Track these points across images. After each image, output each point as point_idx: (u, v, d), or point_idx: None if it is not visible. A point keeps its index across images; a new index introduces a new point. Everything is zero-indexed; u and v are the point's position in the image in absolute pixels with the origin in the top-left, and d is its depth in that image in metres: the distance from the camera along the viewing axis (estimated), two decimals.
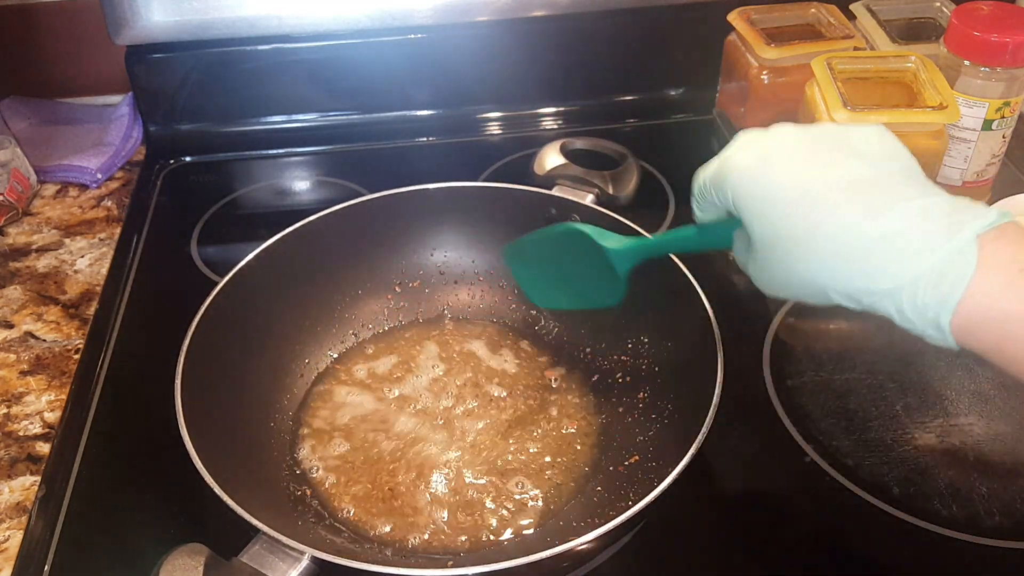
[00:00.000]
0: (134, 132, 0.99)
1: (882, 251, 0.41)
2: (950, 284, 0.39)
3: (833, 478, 0.63)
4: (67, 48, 1.00)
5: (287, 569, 0.48)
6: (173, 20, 0.92)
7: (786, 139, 0.46)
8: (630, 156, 0.80)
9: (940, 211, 0.41)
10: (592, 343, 0.71)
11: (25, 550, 0.59)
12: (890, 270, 0.40)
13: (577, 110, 1.03)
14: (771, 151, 0.45)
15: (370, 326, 0.74)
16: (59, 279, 0.80)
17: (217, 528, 0.50)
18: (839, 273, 0.42)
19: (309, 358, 0.71)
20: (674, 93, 1.04)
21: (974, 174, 0.83)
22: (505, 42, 0.98)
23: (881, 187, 0.42)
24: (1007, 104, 0.78)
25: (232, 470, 0.53)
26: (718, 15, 0.90)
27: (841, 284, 0.42)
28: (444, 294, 0.77)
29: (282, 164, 1.00)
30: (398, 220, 0.75)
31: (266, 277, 0.68)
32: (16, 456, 0.64)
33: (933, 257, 0.39)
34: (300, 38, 0.95)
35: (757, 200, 0.45)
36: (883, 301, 0.41)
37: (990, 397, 0.68)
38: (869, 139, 0.45)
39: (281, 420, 0.66)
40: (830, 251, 0.42)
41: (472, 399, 0.68)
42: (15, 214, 0.87)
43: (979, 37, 0.76)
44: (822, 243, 0.42)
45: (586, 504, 0.60)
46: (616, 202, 0.75)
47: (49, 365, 0.72)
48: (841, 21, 0.88)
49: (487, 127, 1.03)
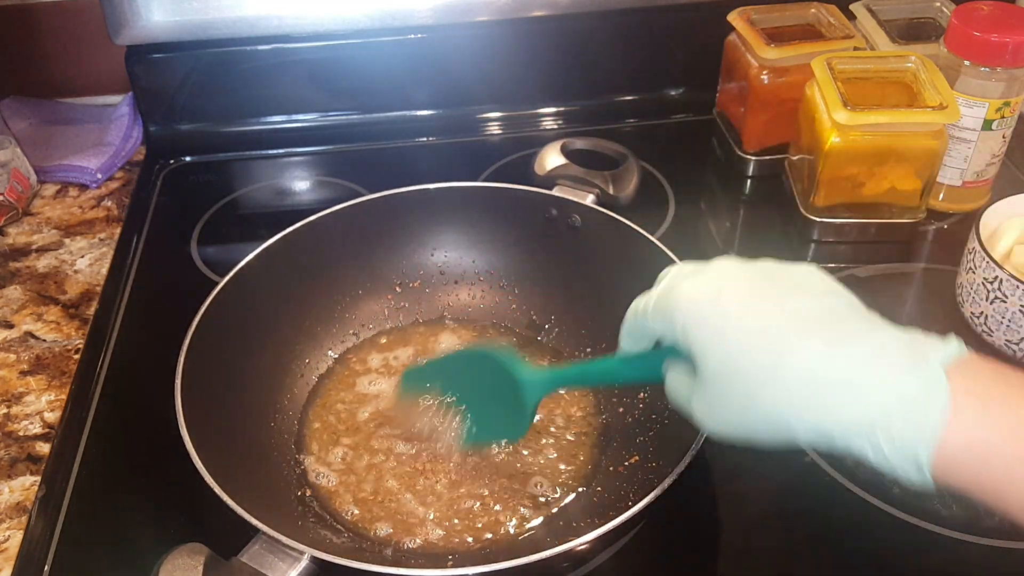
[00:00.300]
0: (134, 132, 0.99)
1: (852, 382, 0.39)
2: (926, 415, 0.38)
3: (833, 478, 0.63)
4: (67, 48, 1.00)
5: (287, 569, 0.48)
6: (173, 20, 0.92)
7: (733, 272, 0.45)
8: (630, 156, 0.80)
9: (901, 342, 0.40)
10: (592, 343, 0.71)
11: (25, 550, 0.59)
12: (862, 402, 0.39)
13: (577, 110, 1.03)
14: (722, 282, 0.44)
15: (370, 326, 0.74)
16: (59, 279, 0.80)
17: (217, 528, 0.50)
18: (807, 407, 0.40)
19: (309, 358, 0.71)
20: (674, 93, 1.04)
21: (974, 174, 0.83)
22: (505, 42, 0.98)
23: (838, 320, 0.42)
24: (1007, 104, 0.78)
25: (232, 470, 0.53)
26: (718, 15, 0.91)
27: (810, 420, 0.40)
28: (444, 294, 0.77)
29: (282, 164, 1.00)
30: (398, 220, 0.75)
31: (266, 277, 0.68)
32: (16, 456, 0.64)
33: (905, 388, 0.39)
34: (300, 38, 0.95)
35: (713, 332, 0.43)
36: (856, 438, 0.40)
37: None
38: (811, 277, 0.44)
39: (281, 420, 0.66)
40: (797, 385, 0.40)
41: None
42: (15, 214, 0.87)
43: (979, 37, 0.76)
44: (788, 377, 0.40)
45: (586, 504, 0.60)
46: (616, 202, 0.75)
47: (49, 365, 0.72)
48: (841, 21, 0.88)
49: (487, 127, 1.03)
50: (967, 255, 0.71)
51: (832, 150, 0.76)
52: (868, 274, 0.80)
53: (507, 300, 0.76)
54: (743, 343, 0.42)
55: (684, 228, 0.87)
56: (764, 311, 0.42)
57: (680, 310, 0.44)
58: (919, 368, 0.39)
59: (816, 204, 0.81)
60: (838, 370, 0.40)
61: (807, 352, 0.40)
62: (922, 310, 0.78)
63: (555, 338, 0.73)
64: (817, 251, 0.83)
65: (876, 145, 0.76)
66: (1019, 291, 0.66)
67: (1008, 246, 0.71)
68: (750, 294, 0.43)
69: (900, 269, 0.82)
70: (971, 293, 0.71)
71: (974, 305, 0.71)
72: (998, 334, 0.69)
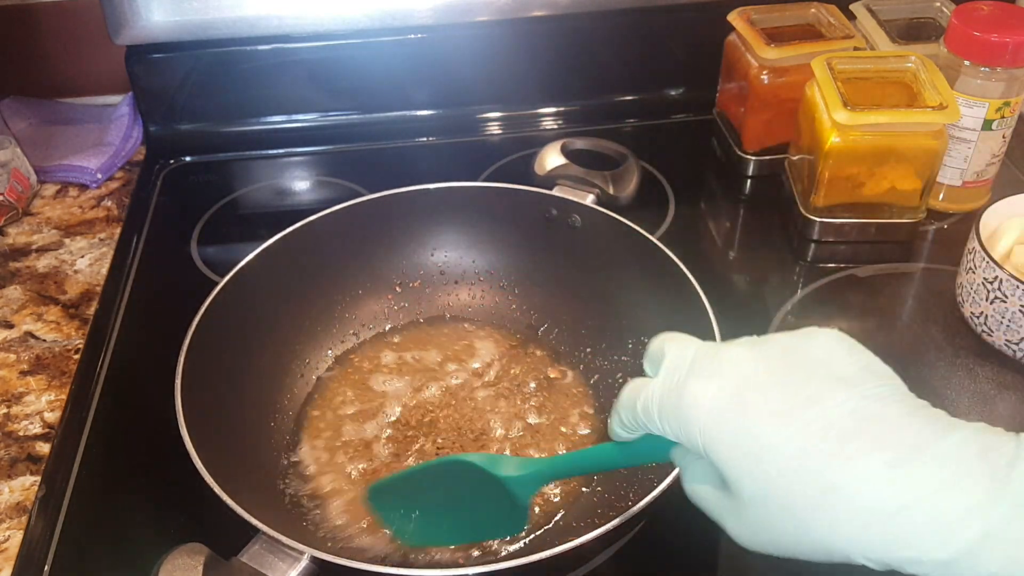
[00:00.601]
0: (134, 132, 0.99)
1: (923, 513, 0.33)
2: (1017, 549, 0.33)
3: None
4: (67, 48, 1.00)
5: (287, 569, 0.48)
6: (173, 20, 0.92)
7: (748, 363, 0.38)
8: (631, 156, 0.80)
9: (972, 451, 0.34)
10: (592, 343, 0.71)
11: (25, 550, 0.59)
12: (938, 536, 0.33)
13: (577, 110, 1.03)
14: (740, 384, 0.38)
15: (370, 326, 0.74)
16: (59, 279, 0.80)
17: (217, 528, 0.50)
18: (870, 541, 0.35)
19: (309, 358, 0.71)
20: (674, 93, 1.04)
21: (974, 174, 0.83)
22: (505, 42, 0.98)
23: (888, 426, 0.35)
24: (1007, 104, 0.78)
25: (232, 470, 0.53)
26: (718, 15, 0.91)
27: (873, 553, 0.35)
28: (444, 294, 0.77)
29: (282, 164, 1.00)
30: (398, 220, 0.75)
31: (266, 277, 0.68)
32: (16, 456, 0.64)
33: (991, 518, 0.33)
34: (300, 38, 0.95)
35: (742, 453, 0.37)
36: (935, 570, 0.34)
37: (990, 397, 0.68)
38: (836, 352, 0.38)
39: (281, 420, 0.66)
40: (856, 516, 0.35)
41: (472, 400, 0.68)
42: (15, 214, 0.87)
43: (979, 37, 0.76)
44: (842, 508, 0.35)
45: (586, 504, 0.60)
46: (617, 202, 0.75)
47: (49, 365, 0.72)
48: (841, 21, 0.88)
49: (487, 127, 1.03)
50: (967, 255, 0.71)
51: (832, 150, 0.76)
52: (868, 274, 0.80)
53: (507, 300, 0.76)
54: (783, 468, 0.36)
55: (684, 228, 0.87)
56: (799, 424, 0.36)
57: (698, 423, 0.38)
58: (1001, 487, 0.33)
59: (816, 204, 0.81)
60: (905, 497, 0.34)
61: (860, 475, 0.34)
62: (922, 310, 0.78)
63: (555, 338, 0.73)
64: (817, 251, 0.83)
65: (876, 145, 0.76)
66: (1019, 291, 0.66)
67: (1008, 246, 0.71)
68: (778, 397, 0.37)
69: (900, 269, 0.82)
70: (971, 293, 0.71)
71: (974, 305, 0.71)
72: (998, 334, 0.69)
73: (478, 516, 0.52)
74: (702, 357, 0.40)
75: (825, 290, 0.79)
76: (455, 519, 0.54)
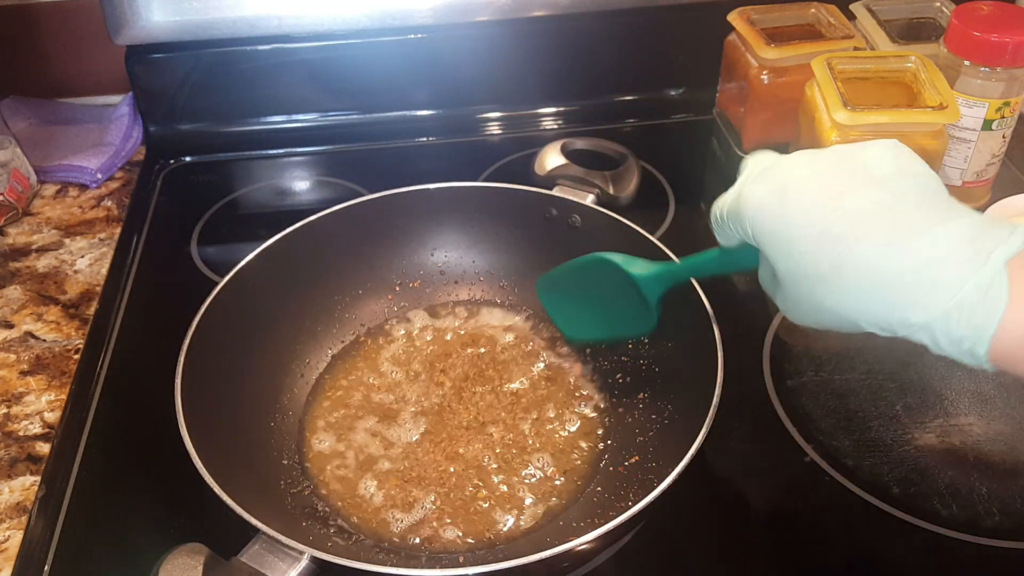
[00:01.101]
0: (134, 132, 0.99)
1: (909, 284, 0.40)
2: (983, 316, 0.39)
3: (833, 478, 0.63)
4: (67, 48, 1.00)
5: (286, 569, 0.48)
6: (173, 20, 0.92)
7: (799, 168, 0.45)
8: (631, 156, 0.80)
9: (963, 236, 0.40)
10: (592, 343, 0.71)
11: (25, 550, 0.59)
12: (920, 303, 0.40)
13: (577, 110, 1.03)
14: (786, 184, 0.44)
15: (370, 326, 0.74)
16: (59, 279, 0.80)
17: (217, 528, 0.50)
18: (869, 308, 0.42)
19: (309, 358, 0.71)
20: (674, 93, 1.04)
21: (974, 174, 0.83)
22: (505, 42, 0.98)
23: (900, 214, 0.41)
24: (1007, 104, 0.78)
25: (232, 470, 0.53)
26: (718, 15, 0.91)
27: (872, 318, 0.42)
28: (444, 294, 0.77)
29: (282, 164, 1.00)
30: (398, 220, 0.75)
31: (266, 277, 0.68)
32: (16, 456, 0.64)
33: (963, 288, 0.39)
34: (300, 38, 0.95)
35: (777, 238, 0.44)
36: (918, 333, 0.41)
37: (990, 397, 0.68)
38: (883, 157, 0.44)
39: (281, 420, 0.66)
40: (857, 287, 0.42)
41: (471, 400, 0.68)
42: (15, 214, 0.87)
43: (979, 37, 0.76)
44: (848, 279, 0.42)
45: (586, 504, 0.60)
46: (617, 202, 0.75)
47: (49, 365, 0.72)
48: (841, 21, 0.88)
49: (487, 127, 1.03)
50: None
51: None
52: None
53: (507, 300, 0.76)
54: (805, 248, 0.43)
55: (684, 228, 0.87)
56: (824, 212, 0.42)
57: (748, 218, 0.46)
58: (979, 267, 0.39)
59: None
60: (894, 271, 0.40)
61: (864, 254, 0.41)
62: None
63: (555, 338, 0.73)
64: None
65: None
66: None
67: None
68: (813, 192, 0.43)
69: None
70: None
71: None
72: None
73: (619, 312, 0.61)
74: (769, 166, 0.46)
75: None
76: (602, 313, 0.64)
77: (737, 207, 0.47)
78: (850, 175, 0.43)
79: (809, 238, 0.43)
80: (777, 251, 0.45)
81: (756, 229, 0.45)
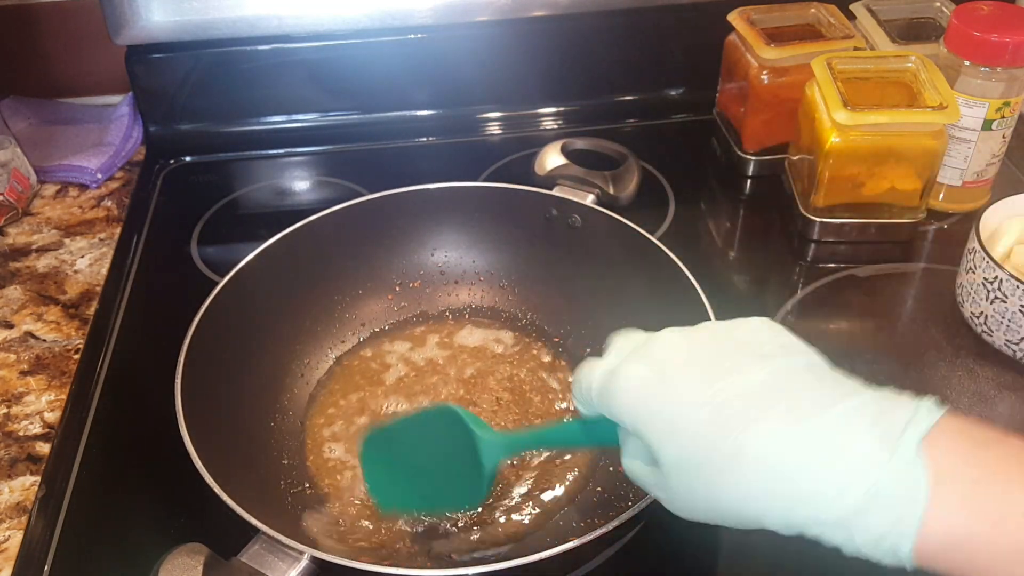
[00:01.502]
0: (134, 132, 0.99)
1: (816, 472, 0.36)
2: (903, 508, 0.34)
3: None
4: (67, 48, 1.00)
5: (286, 569, 0.48)
6: (173, 20, 0.92)
7: (675, 348, 0.41)
8: (631, 156, 0.80)
9: (868, 414, 0.36)
10: (592, 343, 0.71)
11: (25, 550, 0.59)
12: (830, 495, 0.35)
13: (577, 110, 1.03)
14: (664, 361, 0.41)
15: (370, 326, 0.74)
16: (59, 279, 0.80)
17: (217, 528, 0.50)
18: (774, 502, 0.37)
19: (309, 358, 0.71)
20: (674, 93, 1.04)
21: (974, 174, 0.83)
22: (505, 42, 0.98)
23: (795, 391, 0.38)
24: (1007, 104, 0.78)
25: (232, 470, 0.53)
26: (718, 15, 0.91)
27: (778, 514, 0.37)
28: (444, 294, 0.77)
29: (282, 164, 1.00)
30: (398, 220, 0.75)
31: (266, 277, 0.68)
32: (16, 456, 0.64)
33: (880, 478, 0.35)
34: (300, 38, 0.95)
35: (661, 421, 0.39)
36: (830, 531, 0.36)
37: (990, 397, 0.68)
38: (760, 334, 0.41)
39: (281, 420, 0.66)
40: (758, 476, 0.37)
41: (472, 400, 0.68)
42: (15, 214, 0.87)
43: (979, 37, 0.76)
44: (747, 467, 0.37)
45: (586, 504, 0.60)
46: (617, 202, 0.75)
47: (49, 365, 0.72)
48: (841, 21, 0.88)
49: (487, 127, 1.03)
50: (967, 255, 0.71)
51: (832, 150, 0.76)
52: (868, 274, 0.80)
53: (507, 300, 0.76)
54: (695, 432, 0.38)
55: (684, 228, 0.87)
56: (712, 393, 0.38)
57: (625, 400, 0.41)
58: (892, 450, 0.35)
59: (816, 204, 0.81)
60: (800, 456, 0.36)
61: (763, 437, 0.36)
62: (922, 310, 0.78)
63: (555, 338, 0.73)
64: (817, 251, 0.83)
65: (876, 145, 0.76)
66: (1019, 291, 0.66)
67: (1008, 246, 0.71)
68: (696, 374, 0.39)
69: (900, 269, 0.82)
70: (971, 293, 0.71)
71: (974, 305, 0.71)
72: (998, 334, 0.69)
73: (447, 479, 0.54)
74: (640, 345, 0.43)
75: (825, 290, 0.79)
76: (427, 481, 0.56)
77: (610, 388, 0.42)
78: (730, 352, 0.40)
79: (700, 420, 0.38)
80: (661, 436, 0.39)
81: (635, 416, 0.40)
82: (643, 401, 0.40)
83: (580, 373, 0.45)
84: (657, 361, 0.41)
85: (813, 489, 0.36)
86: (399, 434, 0.57)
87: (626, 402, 0.41)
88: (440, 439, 0.54)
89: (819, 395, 0.37)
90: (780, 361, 0.39)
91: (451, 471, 0.54)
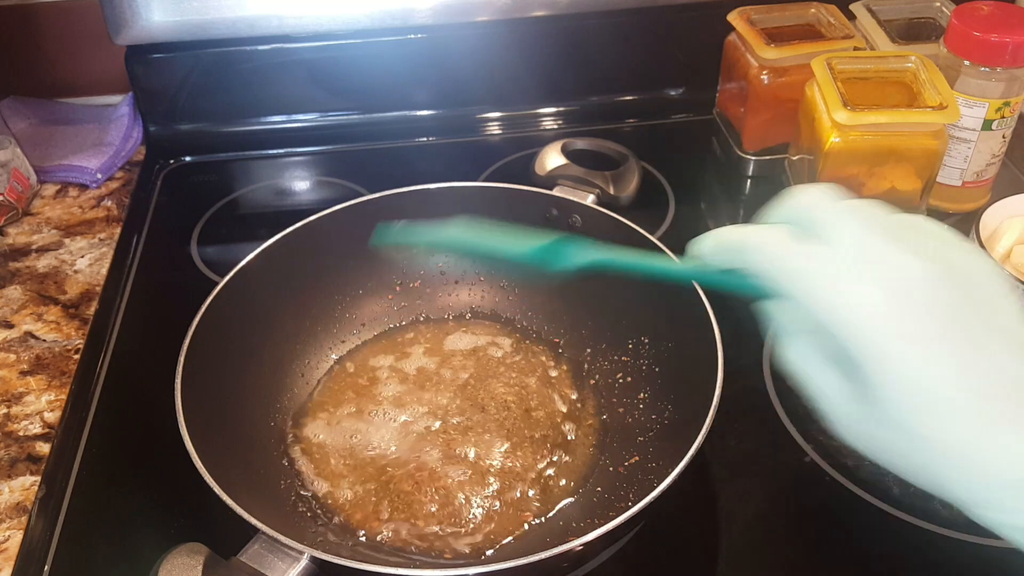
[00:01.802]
0: (134, 132, 0.99)
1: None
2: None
3: (833, 478, 0.63)
4: (67, 48, 1.00)
5: (286, 569, 0.48)
6: (173, 20, 0.92)
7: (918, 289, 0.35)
8: (631, 156, 0.80)
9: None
10: (592, 343, 0.71)
11: (25, 550, 0.59)
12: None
13: (577, 110, 1.03)
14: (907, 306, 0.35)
15: (371, 326, 0.74)
16: (59, 279, 0.80)
17: (217, 528, 0.50)
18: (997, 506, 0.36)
19: (310, 358, 0.71)
20: (674, 93, 1.04)
21: (974, 174, 0.83)
22: (505, 42, 0.98)
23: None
24: (1007, 104, 0.78)
25: (232, 470, 0.53)
26: (718, 15, 0.91)
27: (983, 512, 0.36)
28: (444, 294, 0.77)
29: (282, 164, 1.00)
30: (398, 220, 0.75)
31: (266, 277, 0.68)
32: (16, 456, 0.64)
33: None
34: (300, 38, 0.95)
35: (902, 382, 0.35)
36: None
37: None
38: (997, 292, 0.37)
39: (282, 420, 0.66)
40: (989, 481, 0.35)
41: (472, 399, 0.68)
42: (15, 214, 0.87)
43: (979, 37, 0.76)
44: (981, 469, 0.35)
45: (586, 504, 0.60)
46: (617, 202, 0.75)
47: (49, 365, 0.72)
48: (841, 21, 0.88)
49: (487, 127, 1.03)
50: None
51: (832, 150, 0.76)
52: None
53: (507, 300, 0.76)
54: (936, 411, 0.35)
55: (684, 228, 0.87)
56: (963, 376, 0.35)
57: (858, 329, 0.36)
58: None
59: None
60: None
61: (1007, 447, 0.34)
62: None
63: (555, 338, 0.73)
64: None
65: (876, 145, 0.76)
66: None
67: (1008, 246, 0.71)
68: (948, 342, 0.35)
69: None
70: None
71: None
72: None
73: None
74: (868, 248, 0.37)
75: None
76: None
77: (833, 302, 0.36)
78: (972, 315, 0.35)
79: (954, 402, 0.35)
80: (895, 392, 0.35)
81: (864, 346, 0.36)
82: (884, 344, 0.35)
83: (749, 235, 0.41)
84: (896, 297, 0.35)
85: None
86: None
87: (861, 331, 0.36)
88: None
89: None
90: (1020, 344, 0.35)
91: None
